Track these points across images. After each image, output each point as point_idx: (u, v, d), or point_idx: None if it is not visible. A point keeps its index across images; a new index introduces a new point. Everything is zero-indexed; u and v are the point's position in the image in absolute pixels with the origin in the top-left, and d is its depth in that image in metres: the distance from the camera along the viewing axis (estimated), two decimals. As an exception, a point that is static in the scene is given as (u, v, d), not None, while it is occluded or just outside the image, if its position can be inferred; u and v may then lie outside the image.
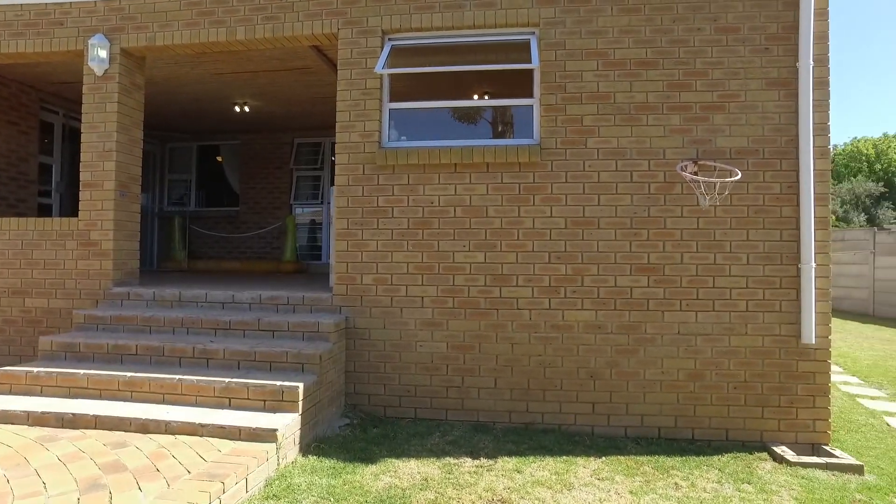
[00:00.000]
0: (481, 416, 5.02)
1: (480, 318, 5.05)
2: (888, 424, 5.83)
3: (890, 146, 34.09)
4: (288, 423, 3.97)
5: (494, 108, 5.80)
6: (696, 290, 4.86)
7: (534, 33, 5.23)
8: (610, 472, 4.15)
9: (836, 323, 13.62)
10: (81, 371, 4.46)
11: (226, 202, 11.83)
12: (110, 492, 3.01)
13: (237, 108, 9.40)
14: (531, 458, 4.33)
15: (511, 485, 3.86)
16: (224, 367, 4.60)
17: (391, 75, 5.49)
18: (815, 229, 4.74)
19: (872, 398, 6.93)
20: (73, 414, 4.01)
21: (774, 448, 4.64)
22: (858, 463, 4.43)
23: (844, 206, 29.01)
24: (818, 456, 4.60)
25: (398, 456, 4.30)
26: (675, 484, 4.00)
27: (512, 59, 5.26)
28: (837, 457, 4.54)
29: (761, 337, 4.81)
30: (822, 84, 4.87)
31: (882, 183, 31.06)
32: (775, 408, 4.80)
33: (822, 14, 4.92)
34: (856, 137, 36.13)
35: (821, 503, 3.79)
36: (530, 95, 5.24)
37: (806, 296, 4.71)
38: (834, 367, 8.71)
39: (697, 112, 4.94)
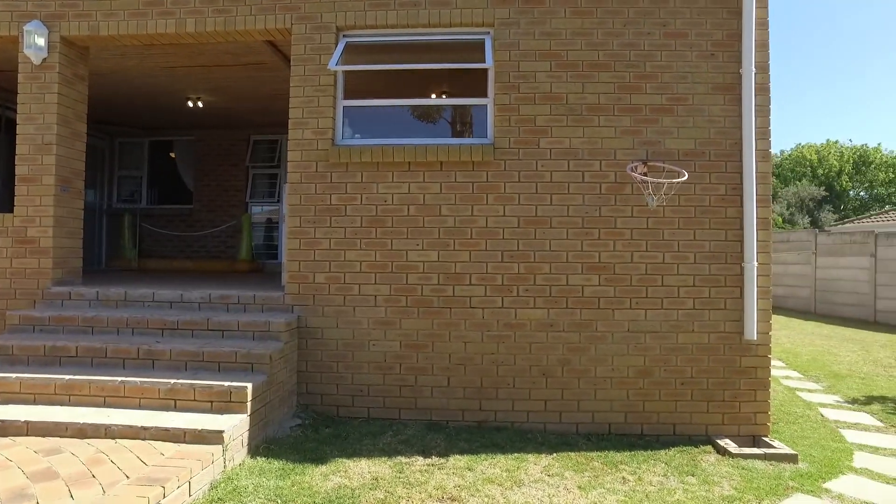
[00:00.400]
0: (434, 414, 5.02)
1: (433, 317, 5.05)
2: (822, 415, 6.08)
3: (830, 152, 35.67)
4: (235, 425, 3.89)
5: (449, 107, 5.81)
6: (646, 288, 4.97)
7: (488, 33, 5.26)
8: (560, 469, 4.20)
9: (780, 320, 14.17)
10: (13, 375, 4.26)
11: (179, 199, 11.51)
12: (38, 501, 2.88)
13: (190, 103, 9.15)
14: (483, 456, 4.35)
15: (462, 483, 3.87)
16: (170, 369, 4.46)
17: (345, 72, 5.43)
18: (757, 229, 4.91)
19: (810, 391, 7.23)
20: (1, 421, 3.83)
21: (718, 441, 4.79)
22: (793, 452, 4.61)
23: (790, 209, 30.22)
24: (758, 447, 4.76)
25: (349, 456, 4.26)
26: (623, 478, 4.08)
27: (466, 59, 5.28)
28: (775, 447, 4.71)
29: (707, 334, 4.95)
30: (763, 90, 5.05)
31: (823, 187, 32.52)
32: (720, 402, 4.95)
33: (762, 24, 5.10)
34: (800, 143, 37.69)
35: (757, 491, 3.92)
36: (484, 95, 5.27)
37: (748, 294, 4.88)
38: (777, 363, 9.06)
39: (647, 114, 5.05)
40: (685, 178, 4.82)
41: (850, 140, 37.63)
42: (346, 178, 5.20)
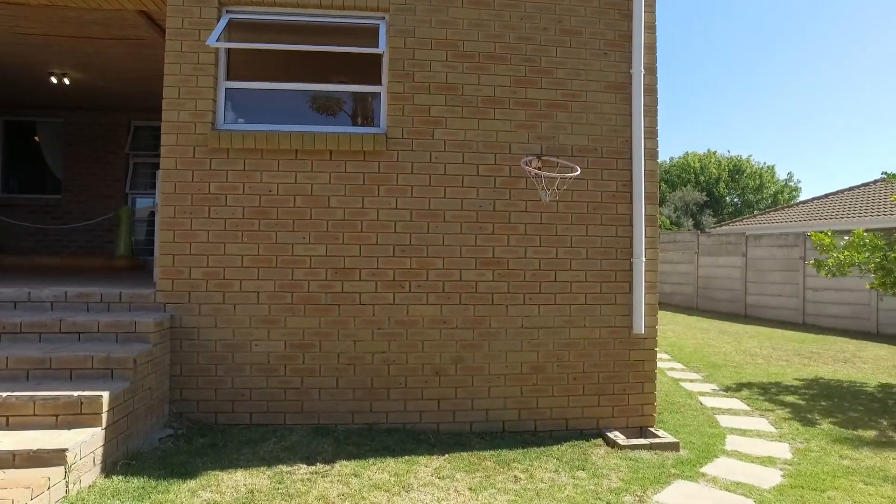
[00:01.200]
0: (322, 418, 4.73)
1: (321, 315, 4.75)
2: (701, 403, 6.40)
3: (710, 161, 38.80)
4: (85, 441, 3.40)
5: (341, 94, 5.51)
6: (539, 283, 4.95)
7: (384, 18, 5.03)
8: (451, 470, 4.06)
9: (668, 316, 15.03)
10: None
11: (45, 189, 10.34)
12: None
13: (55, 80, 8.20)
14: (371, 461, 4.12)
15: (346, 490, 3.62)
16: (7, 380, 3.85)
17: (229, 51, 5.01)
18: (645, 226, 5.04)
19: (691, 381, 7.62)
20: None
21: (608, 434, 4.86)
22: (675, 440, 4.77)
23: (677, 212, 32.43)
24: (645, 437, 4.88)
25: (224, 467, 3.88)
26: (515, 477, 4.00)
27: (359, 44, 5.02)
28: (660, 437, 4.85)
29: (598, 329, 5.01)
30: (651, 91, 5.19)
31: (705, 193, 35.25)
32: (610, 395, 5.03)
33: (650, 28, 5.24)
34: (687, 152, 40.59)
35: (643, 481, 3.98)
36: (378, 83, 5.04)
37: (637, 288, 4.99)
38: (663, 355, 9.52)
39: (542, 109, 5.03)
40: (577, 173, 4.84)
41: (728, 151, 41.19)
42: (227, 165, 4.78)
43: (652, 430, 5.04)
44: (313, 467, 3.97)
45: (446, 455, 4.33)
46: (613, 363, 5.03)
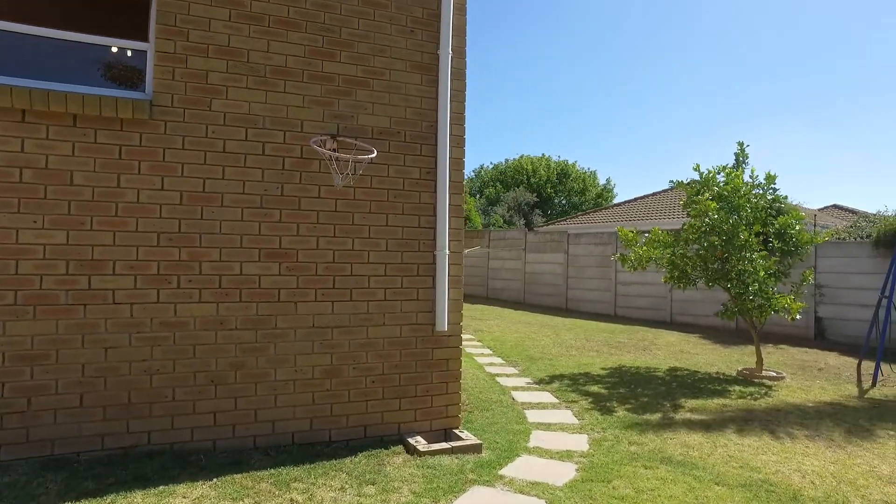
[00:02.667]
0: (59, 446, 3.81)
1: (59, 318, 3.82)
2: (513, 398, 6.39)
3: (542, 164, 41.48)
4: None
5: (99, 49, 4.55)
6: (333, 278, 4.47)
7: (152, -38, 4.21)
8: (215, 499, 3.42)
9: (496, 311, 15.43)
10: None
11: None
12: None
13: None
14: (110, 498, 3.34)
15: (58, 543, 2.84)
16: None
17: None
18: (449, 216, 4.78)
19: (508, 375, 7.67)
20: None
21: (410, 439, 4.52)
22: (478, 442, 4.57)
23: (510, 212, 34.01)
24: (448, 441, 4.62)
25: None
26: (291, 500, 3.47)
27: (118, -12, 4.15)
28: (463, 439, 4.62)
29: (399, 326, 4.66)
30: (459, 75, 4.96)
31: (535, 194, 37.47)
32: (412, 398, 4.70)
33: (460, 9, 5.01)
34: (522, 154, 42.88)
35: (436, 492, 3.68)
36: (145, 39, 4.21)
37: (440, 283, 4.71)
38: (486, 350, 9.58)
39: (340, 85, 4.55)
40: (374, 155, 4.43)
41: (559, 155, 44.29)
42: (-80, 125, 3.66)
43: (457, 431, 4.80)
44: (24, 514, 3.11)
45: (215, 479, 3.68)
46: (416, 363, 4.71)
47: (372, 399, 4.58)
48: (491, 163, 48.43)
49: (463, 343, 10.29)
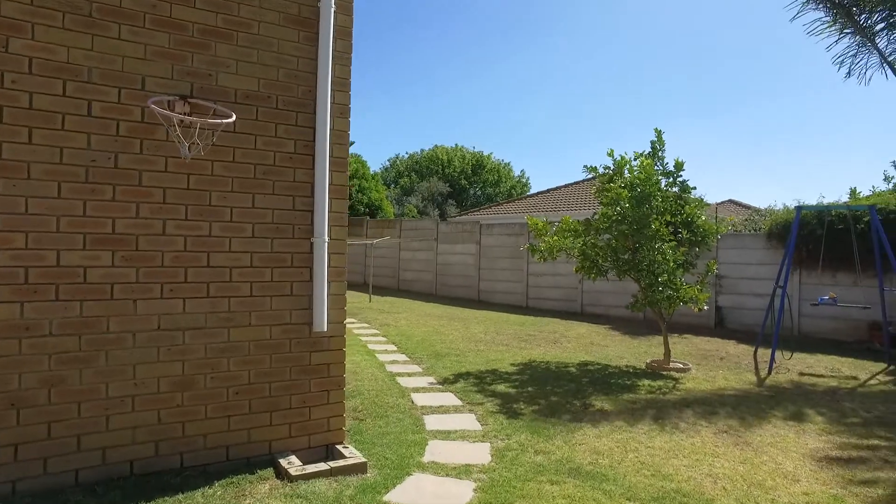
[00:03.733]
0: None
1: None
2: (412, 402, 5.81)
3: (456, 155, 41.24)
4: None
5: None
6: (185, 270, 3.66)
7: None
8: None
9: (406, 303, 14.83)
10: None
11: None
12: None
13: None
14: None
15: None
16: None
17: None
18: (330, 198, 4.09)
19: (410, 375, 7.08)
20: None
21: (282, 461, 3.82)
22: (363, 461, 3.94)
23: (424, 202, 33.52)
24: (328, 460, 3.96)
25: None
26: (107, 556, 2.70)
27: None
28: (346, 458, 3.97)
29: (268, 327, 3.93)
30: (344, 34, 4.26)
31: (449, 184, 37.22)
32: (286, 411, 3.99)
33: (347, -44, 4.31)
34: (436, 145, 42.48)
35: (303, 533, 3.02)
36: (-79, -41, 3.21)
37: (318, 276, 4.01)
38: (390, 347, 8.95)
39: (195, 35, 3.73)
40: (231, 120, 3.66)
41: (474, 146, 44.17)
42: None
43: (340, 448, 4.14)
44: None
45: (9, 533, 2.83)
46: (290, 370, 4.00)
47: (235, 414, 3.83)
48: (406, 152, 47.71)
49: (366, 339, 9.70)
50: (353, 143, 27.12)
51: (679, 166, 8.15)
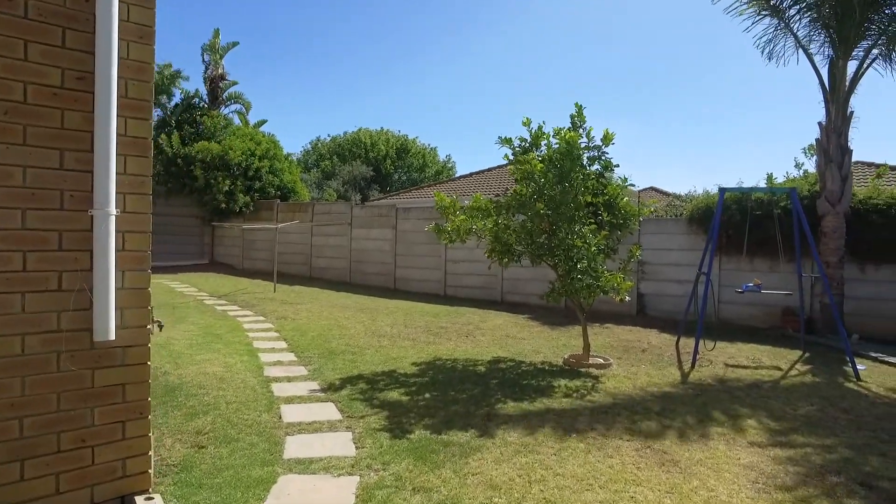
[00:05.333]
0: None
1: None
2: (280, 417, 4.71)
3: (381, 139, 39.69)
4: None
5: None
6: None
7: None
8: None
9: (314, 292, 13.56)
10: None
11: None
12: None
13: None
14: None
15: None
16: None
17: None
18: (124, 154, 2.90)
19: (291, 379, 5.97)
20: None
21: (43, 528, 2.64)
22: (165, 525, 2.83)
23: (345, 186, 31.95)
24: (118, 522, 2.82)
25: None
26: None
27: None
28: (145, 518, 2.85)
29: (20, 336, 2.71)
30: (150, -73, 3.05)
31: (372, 168, 35.76)
32: (51, 456, 2.80)
33: None
34: (360, 127, 40.74)
35: None
36: None
37: (101, 262, 2.82)
38: (279, 344, 7.78)
39: None
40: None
41: (399, 130, 42.80)
42: None
43: (141, 500, 3.00)
44: None
45: None
46: (57, 397, 2.80)
47: (-37, 468, 2.61)
48: (329, 135, 45.61)
49: (254, 335, 8.36)
50: (265, 122, 25.19)
51: (608, 138, 7.35)
